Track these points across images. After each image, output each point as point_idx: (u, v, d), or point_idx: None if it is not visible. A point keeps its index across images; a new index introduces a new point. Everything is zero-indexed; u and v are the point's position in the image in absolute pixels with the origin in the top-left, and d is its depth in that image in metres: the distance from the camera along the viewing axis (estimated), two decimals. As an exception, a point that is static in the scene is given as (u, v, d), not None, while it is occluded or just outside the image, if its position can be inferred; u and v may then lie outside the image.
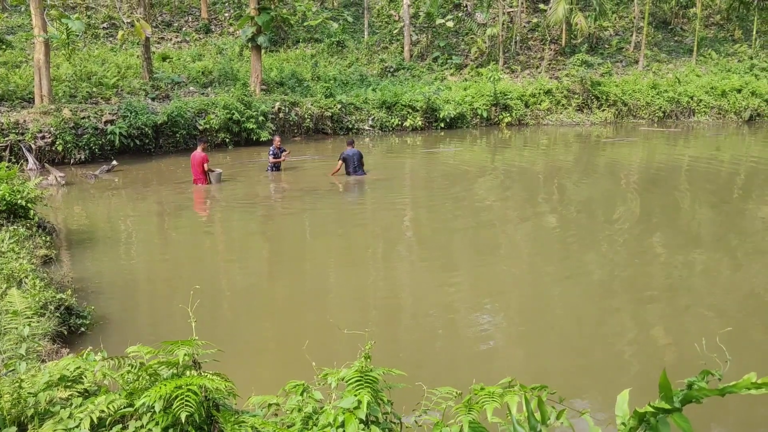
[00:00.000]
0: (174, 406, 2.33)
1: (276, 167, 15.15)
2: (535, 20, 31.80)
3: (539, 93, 25.79)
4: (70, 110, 16.91)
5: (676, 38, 32.16)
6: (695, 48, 29.56)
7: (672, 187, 13.98)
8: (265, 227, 11.20)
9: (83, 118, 16.97)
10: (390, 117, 23.19)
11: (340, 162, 14.41)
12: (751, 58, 29.19)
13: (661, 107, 25.89)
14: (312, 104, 21.81)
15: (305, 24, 29.38)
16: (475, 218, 11.36)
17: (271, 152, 15.17)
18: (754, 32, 30.31)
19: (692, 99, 26.22)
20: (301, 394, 2.61)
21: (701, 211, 11.79)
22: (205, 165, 13.79)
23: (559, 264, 8.70)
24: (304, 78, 24.40)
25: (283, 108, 20.96)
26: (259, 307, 7.24)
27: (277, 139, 15.40)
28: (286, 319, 6.94)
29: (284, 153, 15.40)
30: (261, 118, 19.81)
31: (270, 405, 2.77)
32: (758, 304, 7.16)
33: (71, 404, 2.68)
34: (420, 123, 23.42)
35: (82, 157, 16.61)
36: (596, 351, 6.07)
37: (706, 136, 22.63)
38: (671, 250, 9.09)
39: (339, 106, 22.28)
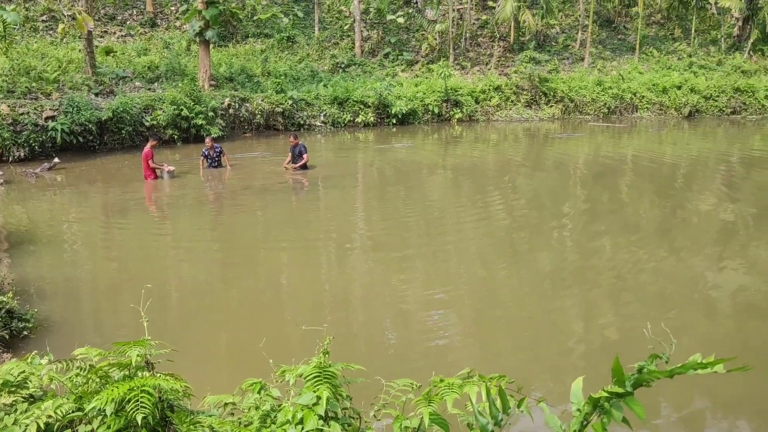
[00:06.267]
0: (127, 409, 2.26)
1: (215, 165, 14.78)
2: (484, 17, 32.19)
3: (489, 89, 26.11)
4: (8, 106, 16.20)
5: (619, 36, 33.09)
6: (638, 46, 30.47)
7: (617, 181, 14.41)
8: (215, 225, 11.00)
9: (22, 114, 16.28)
10: (342, 113, 23.08)
11: (306, 155, 14.46)
12: (690, 56, 30.27)
13: (606, 103, 26.59)
14: (263, 100, 21.51)
15: (254, 18, 28.92)
16: (427, 214, 11.45)
17: (203, 153, 14.78)
18: (693, 31, 31.47)
19: (635, 95, 27.02)
20: (259, 392, 2.57)
21: (644, 204, 12.19)
22: (150, 162, 13.47)
23: (508, 257, 8.86)
24: (254, 73, 24.01)
25: (233, 104, 20.61)
26: (211, 307, 7.11)
27: (207, 139, 14.93)
28: (240, 318, 6.84)
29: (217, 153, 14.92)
30: (210, 114, 19.41)
31: (226, 404, 2.72)
32: (697, 292, 7.46)
33: (16, 410, 2.57)
34: (372, 119, 23.39)
35: (22, 154, 15.94)
36: (547, 341, 6.20)
37: (649, 132, 23.38)
38: (616, 242, 9.37)
39: (290, 101, 22.03)
